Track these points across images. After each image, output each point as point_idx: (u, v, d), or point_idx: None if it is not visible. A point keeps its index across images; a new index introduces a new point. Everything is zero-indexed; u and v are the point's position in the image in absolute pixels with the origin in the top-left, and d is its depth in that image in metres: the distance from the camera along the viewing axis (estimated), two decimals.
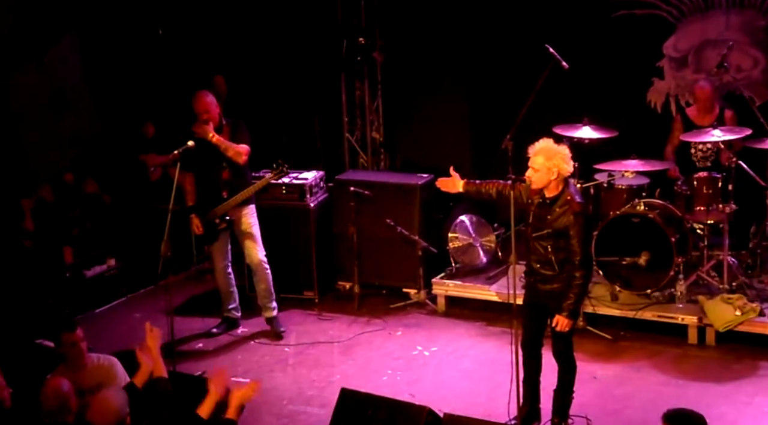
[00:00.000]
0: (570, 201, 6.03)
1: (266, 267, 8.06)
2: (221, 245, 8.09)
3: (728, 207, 7.83)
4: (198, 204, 7.96)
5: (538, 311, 6.28)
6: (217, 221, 7.93)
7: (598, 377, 7.20)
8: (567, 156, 6.08)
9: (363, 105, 10.20)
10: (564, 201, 6.04)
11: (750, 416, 6.59)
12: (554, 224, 6.05)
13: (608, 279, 7.99)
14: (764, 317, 7.46)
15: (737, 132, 7.93)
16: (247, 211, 7.99)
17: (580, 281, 6.03)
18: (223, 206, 7.88)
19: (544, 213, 6.11)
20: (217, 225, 7.95)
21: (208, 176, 7.86)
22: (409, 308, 8.59)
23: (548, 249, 6.10)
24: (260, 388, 5.58)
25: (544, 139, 6.21)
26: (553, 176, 6.05)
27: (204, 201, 7.94)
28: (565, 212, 6.02)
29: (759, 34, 8.86)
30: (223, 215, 7.92)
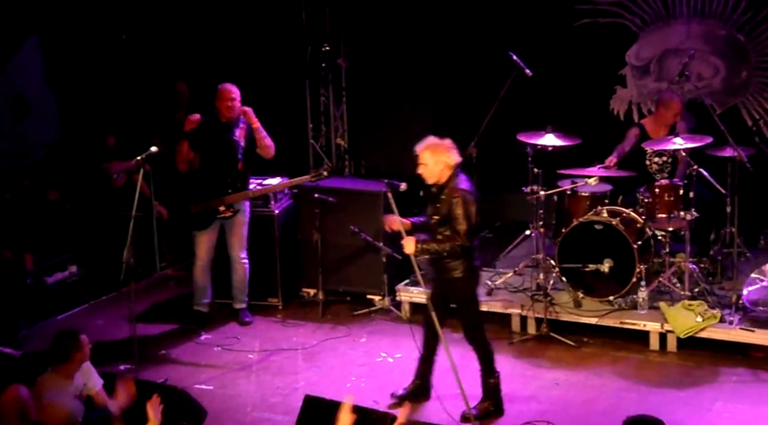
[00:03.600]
0: (453, 186, 6.48)
1: (245, 262, 8.29)
2: (210, 239, 8.20)
3: (689, 215, 7.91)
4: (201, 190, 8.04)
5: (441, 300, 6.67)
6: (222, 208, 8.05)
7: (561, 383, 7.24)
8: (450, 147, 6.53)
9: (328, 112, 10.21)
10: (449, 188, 6.49)
11: (710, 422, 6.65)
12: (441, 210, 6.49)
13: (571, 286, 8.04)
14: (724, 324, 7.54)
15: (698, 140, 8.01)
16: (246, 207, 8.24)
17: (447, 246, 6.43)
18: (237, 195, 8.08)
19: (434, 202, 6.54)
20: (221, 212, 8.08)
21: (222, 163, 8.02)
22: (373, 314, 8.59)
23: (445, 235, 6.49)
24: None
25: (428, 137, 6.61)
26: (441, 166, 6.45)
27: (211, 187, 8.04)
28: (449, 197, 6.46)
29: (719, 44, 8.97)
30: (230, 205, 8.08)
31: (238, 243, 8.25)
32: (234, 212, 8.13)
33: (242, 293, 8.41)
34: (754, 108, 8.94)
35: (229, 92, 8.02)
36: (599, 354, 7.68)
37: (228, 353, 7.94)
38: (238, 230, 8.23)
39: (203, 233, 8.17)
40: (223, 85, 8.06)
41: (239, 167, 8.06)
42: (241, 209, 8.19)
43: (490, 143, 8.71)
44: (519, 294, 8.26)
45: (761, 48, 8.84)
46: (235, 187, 8.09)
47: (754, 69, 8.91)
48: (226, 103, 8.00)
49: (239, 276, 8.35)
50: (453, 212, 6.44)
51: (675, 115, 8.33)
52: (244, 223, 8.24)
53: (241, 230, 8.24)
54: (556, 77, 9.20)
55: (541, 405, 6.90)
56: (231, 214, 8.12)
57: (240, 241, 8.25)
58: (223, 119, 8.05)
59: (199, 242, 8.21)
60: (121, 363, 7.52)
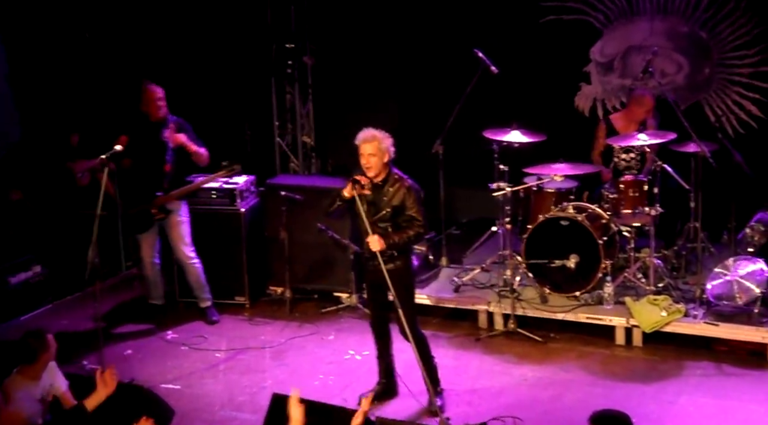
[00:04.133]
0: (399, 179, 6.55)
1: (194, 262, 8.29)
2: (151, 236, 8.26)
3: (654, 210, 7.97)
4: (134, 192, 8.04)
5: (382, 293, 6.69)
6: (154, 211, 8.08)
7: (528, 378, 7.28)
8: (390, 140, 6.58)
9: (294, 109, 10.18)
10: (394, 180, 6.58)
11: (675, 415, 6.72)
12: (392, 202, 6.52)
13: (538, 281, 8.08)
14: (689, 318, 7.61)
15: (662, 136, 8.08)
16: (181, 206, 8.21)
17: (413, 232, 6.50)
18: (166, 197, 8.09)
19: (378, 197, 6.53)
20: (155, 215, 8.11)
21: (150, 167, 8.03)
22: (341, 312, 8.59)
23: (388, 230, 6.51)
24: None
25: (363, 129, 6.67)
26: (385, 158, 6.52)
27: (145, 190, 8.06)
28: (398, 189, 6.51)
29: (682, 40, 9.04)
30: (163, 206, 8.08)
31: (179, 243, 8.23)
32: (166, 213, 8.14)
33: (202, 292, 8.40)
34: (716, 104, 9.02)
35: (156, 93, 8.04)
36: (566, 349, 7.73)
37: (195, 352, 7.91)
38: (175, 231, 8.22)
39: (143, 235, 8.25)
40: (150, 87, 8.07)
41: (166, 169, 8.07)
42: (174, 210, 8.18)
43: (456, 140, 8.73)
44: (486, 291, 8.29)
45: (723, 45, 8.92)
46: (162, 189, 8.09)
47: (717, 66, 9.00)
48: (156, 104, 8.03)
49: (192, 277, 8.35)
50: (406, 202, 6.50)
51: (647, 111, 8.39)
52: (180, 223, 8.21)
53: (179, 230, 8.21)
54: (522, 74, 9.23)
55: (508, 401, 6.93)
56: (163, 216, 8.15)
57: (181, 240, 8.23)
58: (153, 120, 8.05)
59: (141, 244, 8.31)
60: (86, 364, 7.48)
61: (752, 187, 8.09)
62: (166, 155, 8.07)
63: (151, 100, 8.04)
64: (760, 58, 8.78)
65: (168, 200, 8.15)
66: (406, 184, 6.55)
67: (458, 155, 9.04)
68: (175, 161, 8.13)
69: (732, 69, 8.94)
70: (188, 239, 8.27)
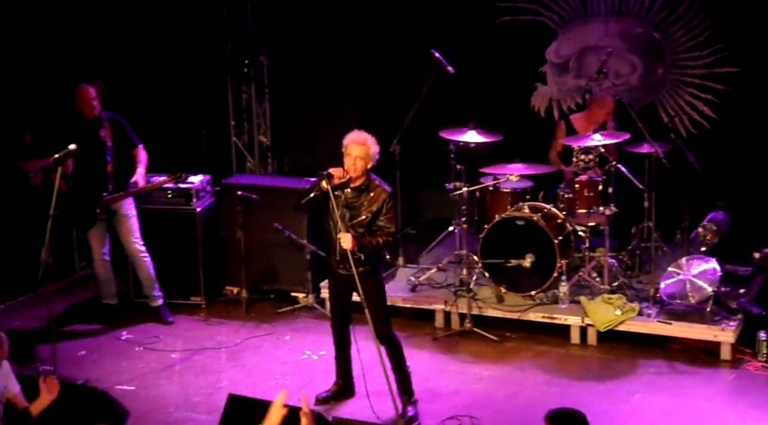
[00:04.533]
0: (379, 185, 6.54)
1: (144, 256, 8.23)
2: (99, 233, 8.22)
3: (608, 210, 8.03)
4: (78, 192, 8.02)
5: (348, 295, 6.71)
6: (98, 211, 8.05)
7: (484, 378, 7.31)
8: (378, 148, 6.55)
9: (250, 109, 10.14)
10: (374, 186, 6.53)
11: (629, 413, 6.77)
12: (371, 208, 6.48)
13: (494, 281, 8.12)
14: (643, 317, 7.68)
15: (616, 136, 8.15)
16: (127, 201, 8.17)
17: (383, 239, 6.49)
18: (109, 198, 8.03)
19: (359, 201, 6.50)
20: (98, 215, 8.07)
21: (92, 168, 7.99)
22: (297, 312, 8.57)
23: (364, 235, 6.48)
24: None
25: (356, 130, 6.61)
26: (369, 164, 6.49)
27: (89, 192, 8.02)
28: (378, 194, 6.49)
29: (636, 41, 9.13)
30: (106, 206, 8.06)
31: (129, 237, 8.19)
32: (109, 214, 8.12)
33: (153, 289, 8.34)
34: (669, 105, 9.12)
35: (89, 93, 7.98)
36: (521, 348, 7.77)
37: (150, 352, 7.85)
38: (124, 226, 8.18)
39: (91, 233, 8.21)
40: (83, 86, 8.00)
41: (109, 170, 8.03)
42: (117, 211, 8.14)
43: (413, 140, 8.74)
44: (442, 290, 8.31)
45: (676, 46, 9.02)
46: (106, 189, 8.04)
47: (670, 67, 9.09)
48: (90, 104, 7.97)
49: (143, 272, 8.28)
50: (385, 207, 6.48)
51: (607, 113, 8.45)
52: (128, 218, 8.18)
53: (128, 224, 8.18)
54: (478, 74, 9.26)
55: (464, 400, 6.96)
56: (106, 216, 8.12)
57: (131, 235, 8.19)
58: (87, 119, 8.01)
59: (90, 242, 8.27)
60: (39, 365, 7.39)
61: (705, 187, 8.19)
62: (107, 156, 8.01)
63: (85, 101, 7.96)
64: (712, 59, 8.89)
65: (112, 201, 8.09)
66: (387, 191, 6.51)
67: (415, 155, 9.06)
68: (117, 160, 8.06)
69: (685, 70, 9.04)
70: (138, 233, 8.23)
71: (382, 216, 6.49)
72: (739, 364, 7.36)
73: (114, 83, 9.47)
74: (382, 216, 6.49)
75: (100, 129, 8.02)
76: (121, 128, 8.12)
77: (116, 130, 8.09)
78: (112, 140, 8.05)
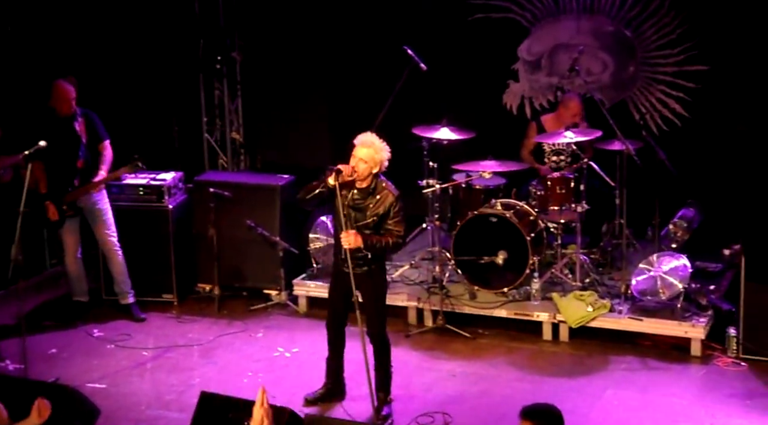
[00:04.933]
0: (386, 188, 6.50)
1: (118, 250, 8.20)
2: (72, 231, 8.16)
3: (580, 207, 8.07)
4: (50, 191, 7.98)
5: (347, 296, 6.61)
6: (65, 207, 8.00)
7: (457, 374, 7.33)
8: (388, 154, 6.49)
9: (222, 105, 10.10)
10: (381, 188, 6.49)
11: (601, 409, 6.81)
12: (378, 211, 6.44)
13: (466, 278, 8.13)
14: (614, 313, 7.72)
15: (588, 134, 8.19)
16: (99, 196, 8.13)
17: (392, 240, 6.47)
18: (73, 193, 8.00)
19: (365, 203, 6.46)
20: (65, 212, 8.01)
21: (62, 163, 7.94)
22: (270, 309, 8.55)
23: (371, 235, 6.46)
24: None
25: (369, 132, 6.56)
26: (376, 169, 6.43)
27: (56, 188, 7.98)
28: (384, 197, 6.45)
29: (608, 39, 9.17)
30: (72, 203, 8.02)
31: (101, 231, 8.16)
32: (76, 210, 8.07)
33: (125, 285, 8.30)
34: (641, 102, 9.16)
35: (68, 92, 7.94)
36: (494, 344, 7.80)
37: (121, 350, 7.81)
38: (99, 221, 8.15)
39: (64, 230, 8.15)
40: (62, 85, 7.95)
41: (79, 165, 7.99)
42: (91, 203, 8.10)
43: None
44: (415, 287, 8.32)
45: (647, 44, 9.06)
46: (73, 185, 8.01)
47: (641, 64, 9.14)
48: (68, 103, 7.93)
49: (116, 266, 8.25)
50: (392, 211, 6.43)
51: (573, 116, 8.47)
52: (101, 212, 8.14)
53: (101, 219, 8.15)
54: (451, 72, 9.27)
55: (437, 397, 6.97)
56: (73, 213, 8.06)
57: (103, 228, 8.15)
58: (61, 115, 7.96)
59: (63, 238, 8.21)
60: (9, 363, 7.34)
61: (675, 184, 8.24)
62: (79, 151, 7.97)
63: (64, 100, 7.91)
64: (683, 57, 8.94)
65: (77, 197, 8.04)
66: (394, 195, 6.47)
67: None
68: (88, 156, 8.02)
69: (656, 68, 9.09)
70: (113, 227, 8.20)
71: (390, 220, 6.44)
72: (709, 360, 7.43)
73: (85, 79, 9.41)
74: (390, 220, 6.44)
75: (75, 123, 7.98)
76: (92, 123, 8.09)
77: (89, 125, 8.06)
78: (86, 136, 8.01)
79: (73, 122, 7.99)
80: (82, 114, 8.04)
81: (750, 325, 7.36)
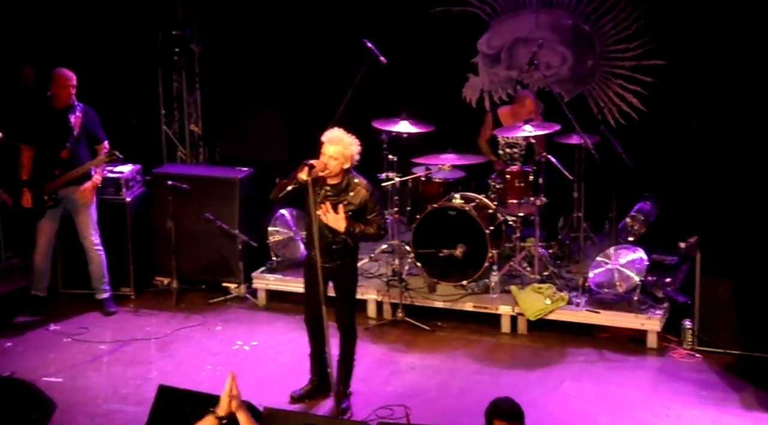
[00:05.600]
0: (359, 183, 6.49)
1: (99, 249, 8.13)
2: (50, 225, 8.06)
3: (538, 200, 8.12)
4: (32, 179, 7.91)
5: (325, 288, 6.55)
6: (45, 197, 7.91)
7: (416, 367, 7.34)
8: (358, 148, 6.47)
9: (181, 97, 10.03)
10: (354, 185, 6.47)
11: (558, 401, 6.86)
12: (350, 207, 6.43)
13: (426, 271, 8.15)
14: (572, 306, 7.78)
15: (546, 128, 8.23)
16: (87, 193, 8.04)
17: (374, 230, 6.49)
18: (53, 183, 7.90)
19: (338, 199, 6.43)
20: (45, 202, 7.92)
21: (48, 152, 7.88)
22: (229, 302, 8.52)
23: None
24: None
25: (337, 128, 6.51)
26: (347, 165, 6.42)
27: (37, 177, 7.92)
28: (357, 193, 6.44)
29: (566, 33, 9.22)
30: (52, 193, 7.92)
31: (85, 230, 8.07)
32: (55, 201, 7.97)
33: (101, 283, 8.24)
34: (599, 96, 9.23)
35: (69, 79, 7.88)
36: (453, 337, 7.82)
37: (78, 344, 7.74)
38: (81, 218, 8.07)
39: (41, 222, 8.03)
40: (62, 71, 7.90)
41: (63, 155, 7.89)
42: (76, 196, 8.00)
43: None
44: (375, 280, 8.32)
45: (605, 38, 9.13)
46: (53, 175, 7.92)
47: (599, 59, 9.20)
48: (68, 91, 7.87)
49: (95, 266, 8.19)
50: (368, 205, 6.44)
51: (528, 113, 8.50)
52: (86, 208, 8.05)
53: (85, 216, 8.06)
54: (411, 65, 9.28)
55: (396, 389, 6.98)
56: (53, 203, 7.97)
57: (86, 227, 8.07)
58: (59, 106, 7.88)
59: (38, 230, 8.09)
60: None
61: (632, 178, 8.30)
62: (68, 141, 7.87)
63: (64, 87, 7.84)
64: (641, 51, 9.01)
65: (56, 186, 7.93)
66: (368, 188, 6.48)
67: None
68: (76, 147, 7.92)
69: (614, 62, 9.16)
70: (95, 226, 8.12)
71: (370, 213, 6.45)
72: (665, 352, 7.50)
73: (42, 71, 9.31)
74: (370, 213, 6.45)
75: (71, 114, 7.89)
76: (90, 121, 8.00)
77: (87, 120, 7.96)
78: (79, 129, 7.91)
79: (69, 113, 7.88)
80: (82, 109, 7.95)
81: (705, 317, 7.45)
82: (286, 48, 9.75)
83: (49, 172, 7.91)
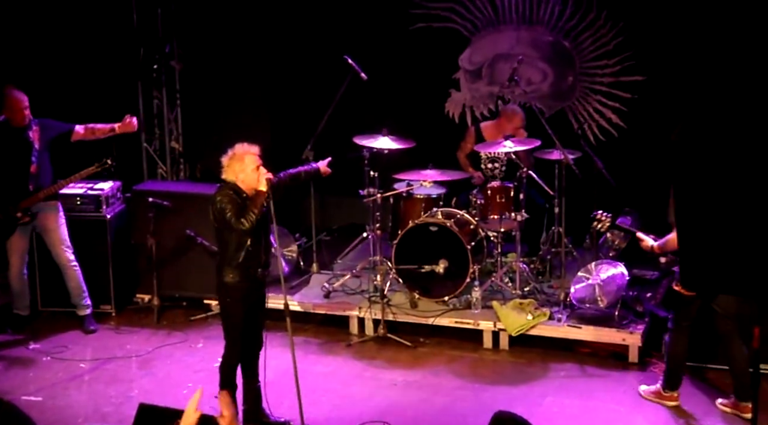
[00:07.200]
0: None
1: (74, 265, 8.07)
2: (21, 244, 8.02)
3: (520, 216, 8.14)
4: (2, 197, 7.85)
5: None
6: (19, 214, 7.85)
7: (398, 383, 7.33)
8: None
9: (161, 114, 10.01)
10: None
11: (540, 416, 6.84)
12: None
13: (407, 287, 8.15)
14: (553, 321, 7.79)
15: (527, 143, 8.26)
16: (55, 208, 7.99)
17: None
18: (30, 198, 7.84)
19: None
20: (19, 219, 7.86)
21: (14, 168, 7.82)
22: (210, 319, 8.48)
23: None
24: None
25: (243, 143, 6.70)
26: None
27: (7, 193, 7.83)
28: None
29: (547, 49, 9.27)
30: (27, 209, 7.86)
31: (57, 247, 8.02)
32: (31, 217, 7.91)
33: (81, 298, 8.19)
34: (579, 112, 9.28)
35: (21, 102, 7.82)
36: (435, 353, 7.82)
37: (58, 362, 7.69)
38: (52, 235, 8.01)
39: (11, 239, 7.98)
40: (13, 94, 7.83)
41: (32, 170, 7.84)
42: (46, 214, 7.95)
43: (326, 146, 8.71)
44: (356, 296, 8.32)
45: (585, 54, 9.18)
46: (27, 191, 7.86)
47: (579, 75, 9.25)
48: (21, 113, 7.82)
49: (72, 282, 8.13)
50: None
51: (515, 128, 8.54)
52: (58, 225, 8.00)
53: (56, 233, 8.00)
54: (392, 81, 9.30)
55: (378, 406, 6.97)
56: (28, 219, 7.91)
57: (59, 244, 8.01)
58: (15, 125, 7.85)
59: (9, 248, 8.04)
60: None
61: (613, 193, 8.34)
62: (32, 156, 7.82)
63: (17, 109, 7.80)
64: (620, 67, 9.07)
65: (33, 202, 7.89)
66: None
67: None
68: (42, 161, 7.89)
69: (594, 78, 9.21)
70: (67, 242, 8.05)
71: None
72: (647, 367, 7.53)
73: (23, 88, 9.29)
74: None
75: (28, 132, 7.85)
76: (48, 130, 7.94)
77: (45, 132, 7.91)
78: (39, 142, 7.87)
79: (27, 131, 7.85)
80: (38, 123, 7.90)
81: None
82: (267, 65, 9.77)
83: (23, 188, 7.85)
